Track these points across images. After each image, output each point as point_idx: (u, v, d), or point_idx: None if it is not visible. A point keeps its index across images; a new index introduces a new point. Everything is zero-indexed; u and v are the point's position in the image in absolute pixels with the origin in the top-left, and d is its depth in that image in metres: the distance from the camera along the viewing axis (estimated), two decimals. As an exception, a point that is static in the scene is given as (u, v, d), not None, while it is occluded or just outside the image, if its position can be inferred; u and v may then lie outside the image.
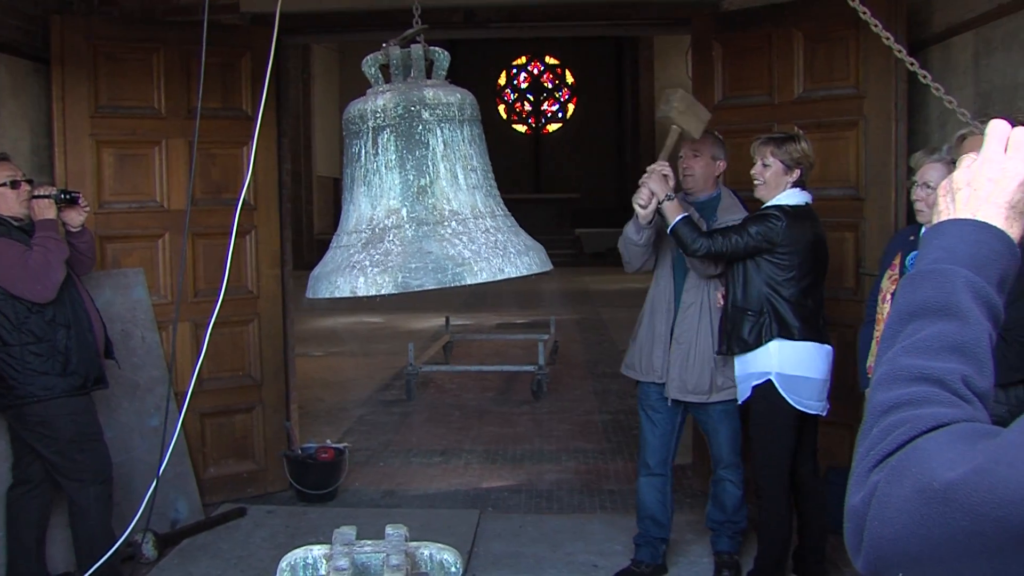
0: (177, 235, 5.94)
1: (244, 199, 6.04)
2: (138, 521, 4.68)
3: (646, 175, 4.62)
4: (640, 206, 4.63)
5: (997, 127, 1.25)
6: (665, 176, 4.60)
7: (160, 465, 4.77)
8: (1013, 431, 0.99)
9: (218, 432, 6.40)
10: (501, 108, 31.72)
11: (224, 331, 6.17)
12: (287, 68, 7.67)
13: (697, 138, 4.72)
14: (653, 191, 4.59)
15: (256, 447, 6.56)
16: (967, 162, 1.26)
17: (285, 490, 6.56)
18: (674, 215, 4.58)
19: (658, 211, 4.64)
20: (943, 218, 1.25)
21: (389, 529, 2.27)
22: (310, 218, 24.26)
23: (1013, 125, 1.25)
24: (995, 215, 1.21)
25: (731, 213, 4.87)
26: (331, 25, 6.96)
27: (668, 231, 4.65)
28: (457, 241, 2.25)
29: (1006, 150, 1.23)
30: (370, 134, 2.36)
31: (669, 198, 4.60)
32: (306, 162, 24.06)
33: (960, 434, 1.03)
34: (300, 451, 6.58)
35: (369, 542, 2.20)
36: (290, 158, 7.06)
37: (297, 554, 2.21)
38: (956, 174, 1.26)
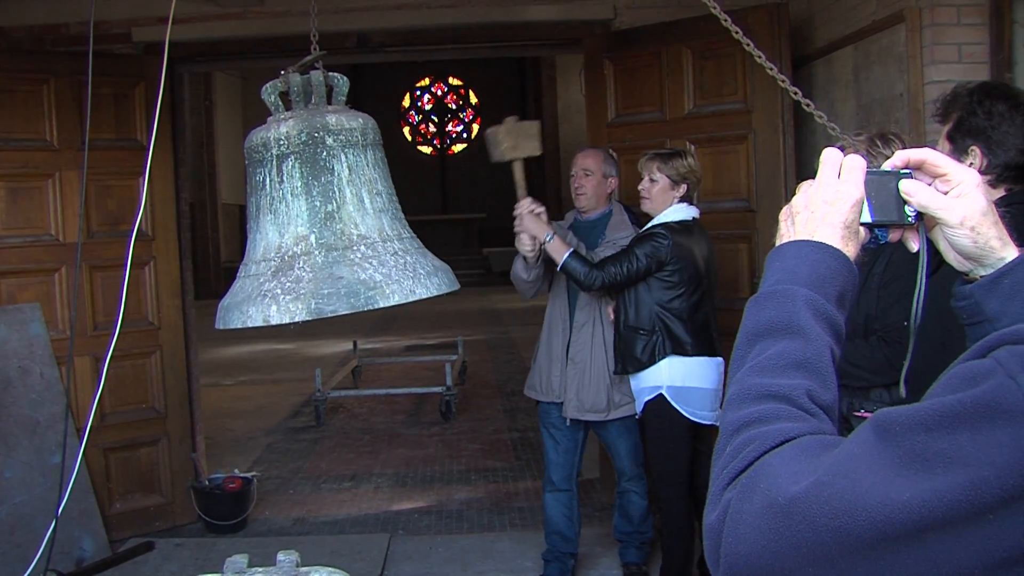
0: (74, 268, 5.87)
1: (142, 230, 5.98)
2: (38, 561, 4.59)
3: (518, 221, 4.62)
4: (527, 251, 4.69)
5: (830, 155, 1.33)
6: (538, 214, 4.61)
7: (60, 502, 4.69)
8: (849, 443, 1.03)
9: (123, 466, 6.29)
10: (406, 130, 31.77)
11: (126, 364, 6.11)
12: (183, 96, 7.60)
13: (539, 153, 4.59)
14: (534, 235, 4.63)
15: (163, 480, 6.47)
16: (804, 187, 1.33)
17: (194, 522, 6.48)
18: (560, 254, 4.60)
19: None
20: (784, 240, 1.32)
21: (280, 555, 2.28)
22: (216, 246, 23.99)
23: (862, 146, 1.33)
24: (832, 235, 1.27)
25: (620, 230, 4.92)
26: (226, 53, 6.90)
27: (558, 269, 4.67)
28: (367, 265, 2.26)
29: (839, 175, 1.31)
30: (274, 162, 2.35)
31: (549, 238, 4.61)
32: (211, 190, 23.79)
33: (805, 448, 1.06)
34: (207, 482, 6.51)
35: (260, 569, 2.21)
36: (192, 186, 7.00)
37: (189, 584, 2.23)
38: (795, 199, 1.33)
